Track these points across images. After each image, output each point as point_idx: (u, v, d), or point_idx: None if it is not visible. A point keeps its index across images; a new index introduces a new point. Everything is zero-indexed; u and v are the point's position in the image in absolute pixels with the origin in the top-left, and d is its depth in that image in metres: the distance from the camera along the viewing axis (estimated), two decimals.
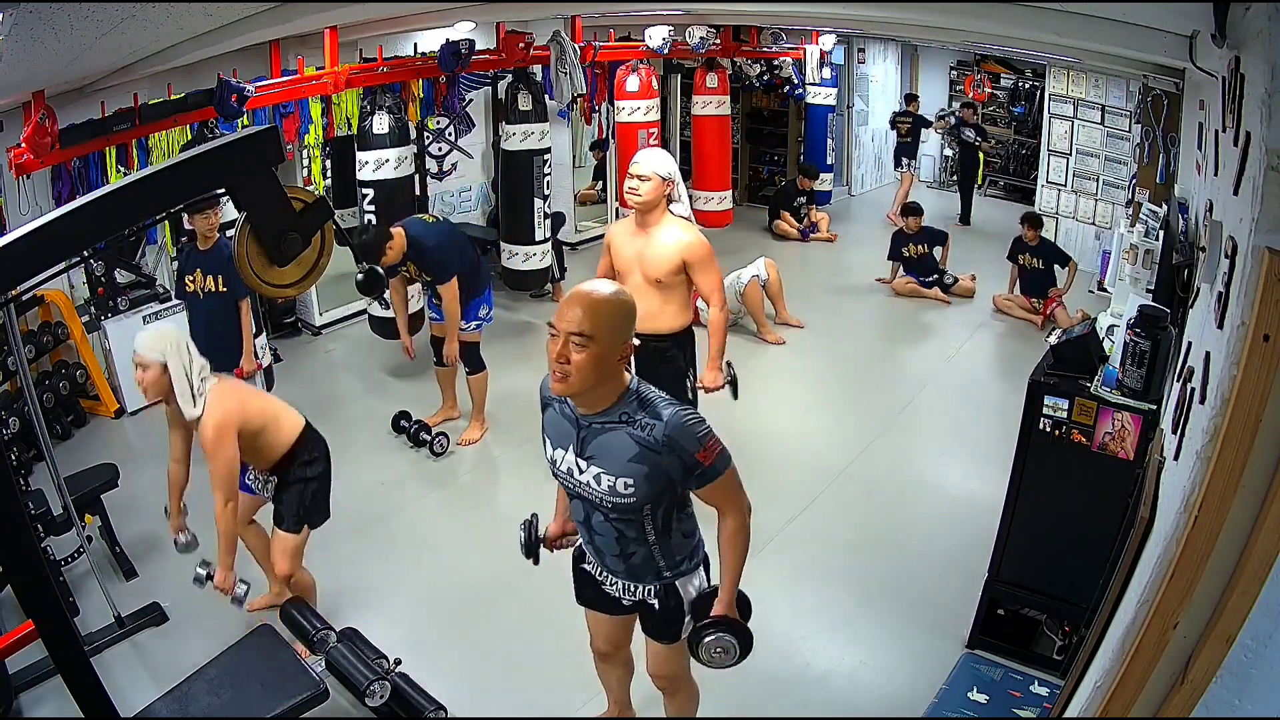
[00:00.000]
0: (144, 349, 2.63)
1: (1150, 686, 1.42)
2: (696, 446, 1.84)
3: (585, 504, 2.01)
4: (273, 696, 2.37)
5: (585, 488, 1.95)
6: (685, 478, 1.88)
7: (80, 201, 1.66)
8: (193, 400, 2.65)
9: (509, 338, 5.73)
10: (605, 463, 1.89)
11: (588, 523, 2.06)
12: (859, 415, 4.96)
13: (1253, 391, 1.22)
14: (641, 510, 1.94)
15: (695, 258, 3.18)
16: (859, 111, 10.06)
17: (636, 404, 1.87)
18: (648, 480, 1.87)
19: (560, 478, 2.02)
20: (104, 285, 4.81)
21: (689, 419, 1.86)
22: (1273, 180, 1.20)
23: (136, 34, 2.82)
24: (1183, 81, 4.16)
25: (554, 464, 2.01)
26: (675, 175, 3.19)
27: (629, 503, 1.91)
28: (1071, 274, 6.18)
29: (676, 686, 2.37)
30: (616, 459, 1.87)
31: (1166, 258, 2.88)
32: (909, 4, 4.12)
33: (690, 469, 1.85)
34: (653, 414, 1.85)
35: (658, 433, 1.83)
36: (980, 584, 3.05)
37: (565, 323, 1.79)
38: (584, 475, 1.94)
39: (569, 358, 1.78)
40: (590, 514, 2.03)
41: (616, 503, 1.92)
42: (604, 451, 1.89)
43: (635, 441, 1.85)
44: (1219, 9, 1.53)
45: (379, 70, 5.05)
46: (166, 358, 2.61)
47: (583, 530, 2.12)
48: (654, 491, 1.90)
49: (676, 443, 1.83)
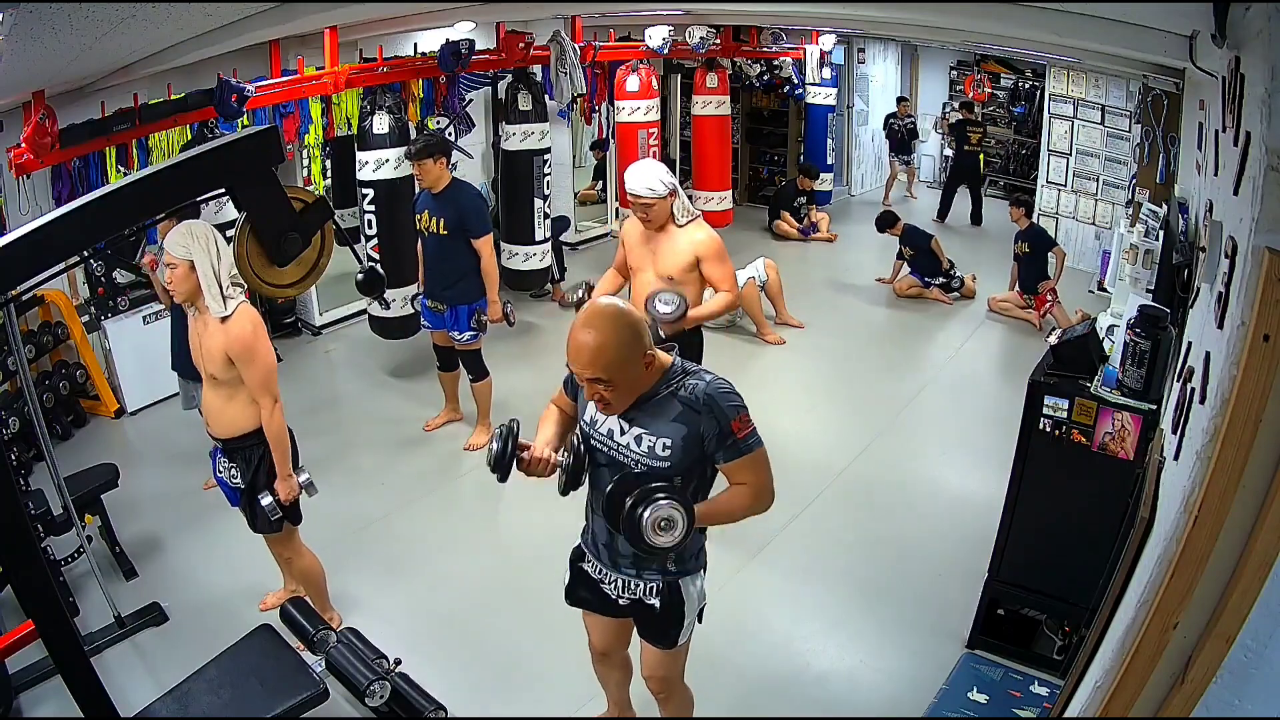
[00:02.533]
0: (171, 246, 2.54)
1: (1150, 686, 1.42)
2: (733, 414, 1.90)
3: (616, 471, 1.98)
4: (273, 696, 2.36)
5: (623, 450, 1.97)
6: (718, 446, 1.91)
7: (80, 201, 1.65)
8: (221, 300, 2.56)
9: (509, 338, 5.72)
10: (648, 423, 1.94)
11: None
12: (859, 415, 4.96)
13: (1253, 391, 1.22)
14: (673, 481, 1.94)
15: (708, 253, 3.21)
16: (859, 111, 10.07)
17: (681, 374, 1.95)
18: (685, 443, 1.91)
19: (598, 440, 2.02)
20: (104, 285, 4.82)
21: (728, 388, 1.93)
22: (1273, 180, 1.20)
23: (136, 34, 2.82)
24: (1183, 81, 4.16)
25: (592, 424, 2.02)
26: (674, 183, 3.18)
27: (664, 468, 1.93)
28: (1059, 262, 6.16)
29: (671, 691, 2.36)
30: (660, 419, 1.92)
31: (1166, 258, 2.89)
32: (909, 4, 4.11)
33: (724, 437, 1.90)
34: (697, 378, 1.94)
35: (699, 391, 1.90)
36: (980, 584, 3.05)
37: (579, 369, 1.85)
38: (624, 437, 1.97)
39: (600, 395, 1.87)
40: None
41: (652, 466, 1.94)
42: (648, 413, 1.93)
43: (679, 401, 1.91)
44: (1219, 9, 1.53)
45: (379, 70, 5.04)
46: (193, 255, 2.53)
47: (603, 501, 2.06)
48: (688, 459, 1.93)
49: (715, 404, 1.89)
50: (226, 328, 2.58)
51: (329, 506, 3.67)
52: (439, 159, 3.98)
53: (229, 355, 2.61)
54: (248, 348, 2.60)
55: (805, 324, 6.10)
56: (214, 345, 2.63)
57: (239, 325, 2.58)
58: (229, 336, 2.59)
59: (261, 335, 2.64)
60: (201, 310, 2.63)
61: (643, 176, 3.15)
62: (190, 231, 2.56)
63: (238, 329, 2.58)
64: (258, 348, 2.62)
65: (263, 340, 2.64)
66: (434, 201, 4.02)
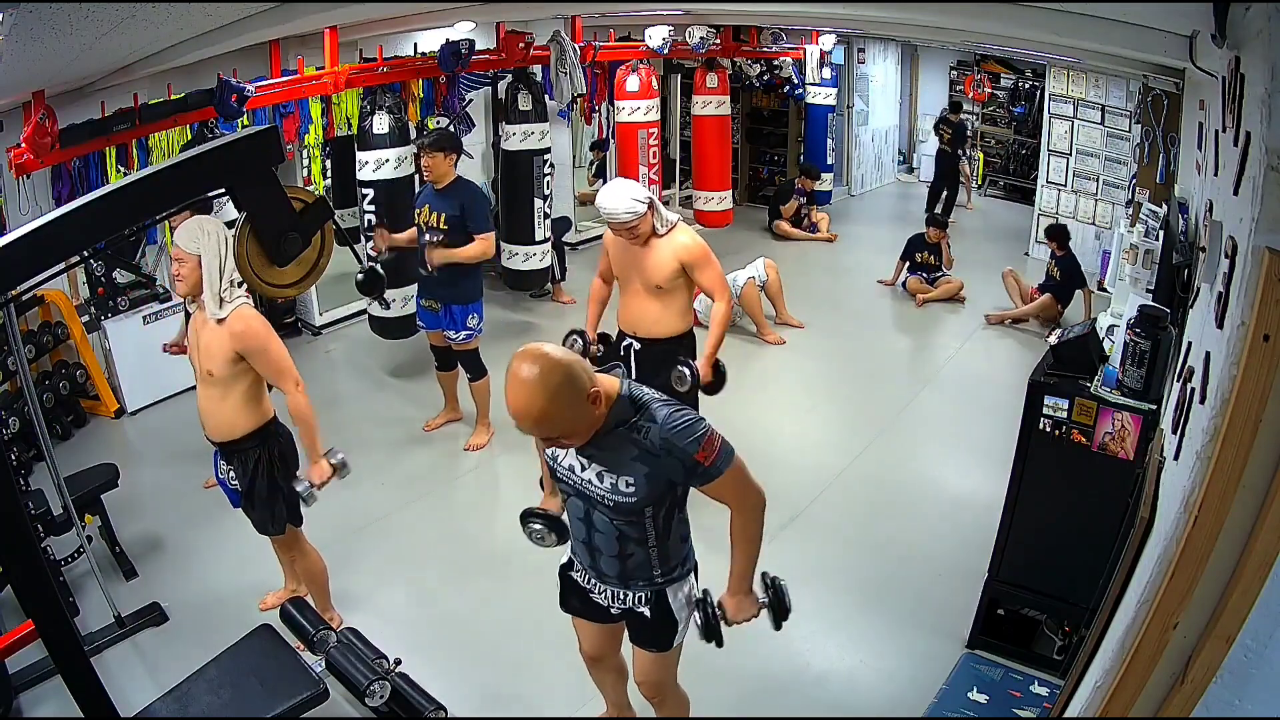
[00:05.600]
0: (181, 241, 2.56)
1: (1150, 686, 1.42)
2: (694, 448, 1.81)
3: (586, 501, 2.00)
4: (273, 696, 2.36)
5: (587, 485, 1.95)
6: (688, 478, 1.87)
7: (80, 201, 1.65)
8: (217, 300, 2.57)
9: (509, 339, 5.73)
10: (607, 461, 1.89)
11: (587, 520, 2.03)
12: (859, 415, 4.95)
13: (1253, 391, 1.22)
14: (643, 512, 1.93)
15: (693, 259, 3.18)
16: (859, 111, 10.07)
17: (630, 407, 1.86)
18: (649, 480, 1.86)
19: (561, 474, 2.00)
20: (104, 285, 4.82)
21: (683, 421, 1.82)
22: (1273, 180, 1.20)
23: (136, 34, 2.82)
24: (1183, 81, 4.16)
25: (554, 460, 2.00)
26: (648, 195, 3.12)
27: (630, 503, 1.90)
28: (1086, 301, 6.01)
29: (665, 695, 2.34)
30: (619, 457, 1.87)
31: (1166, 258, 2.89)
32: (909, 4, 4.11)
33: (691, 470, 1.84)
34: (648, 417, 1.83)
35: (654, 436, 1.81)
36: (980, 584, 3.05)
37: (527, 431, 1.81)
38: (586, 473, 1.93)
39: (555, 440, 1.84)
40: (590, 511, 2.01)
41: (618, 502, 1.91)
42: (606, 450, 1.88)
43: (635, 446, 1.84)
44: (1219, 9, 1.53)
45: (379, 70, 5.04)
46: (202, 251, 2.54)
47: (580, 528, 2.08)
48: (655, 493, 1.89)
49: (673, 445, 1.81)
50: (229, 325, 2.58)
51: (329, 506, 3.65)
52: (450, 155, 3.99)
53: (237, 350, 2.61)
54: (257, 336, 2.61)
55: (805, 324, 6.10)
56: (214, 342, 2.62)
57: (244, 320, 2.59)
58: (235, 332, 2.59)
59: (268, 324, 2.67)
60: (201, 306, 2.64)
61: (618, 199, 3.04)
62: (201, 227, 2.57)
63: (243, 324, 2.59)
64: (267, 335, 2.64)
65: (270, 329, 2.67)
66: (436, 197, 4.01)
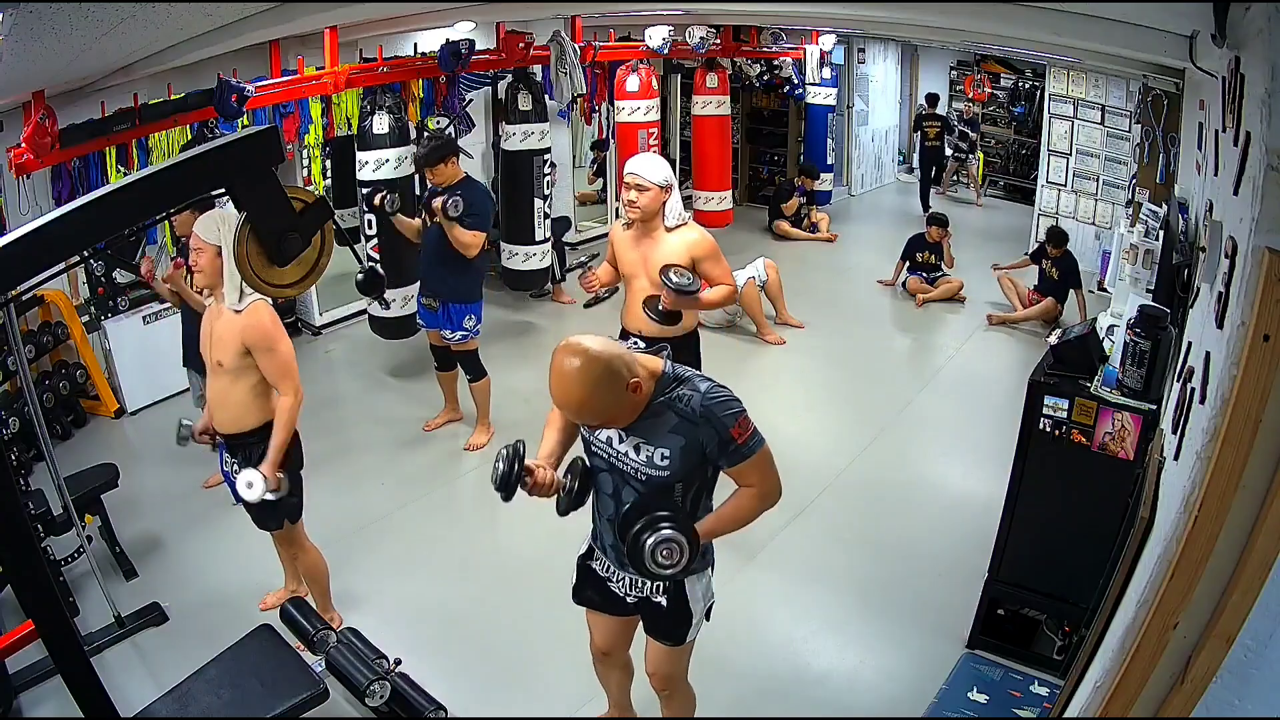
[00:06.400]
0: (202, 231, 2.58)
1: (1150, 686, 1.42)
2: (731, 421, 1.89)
3: (617, 477, 2.02)
4: (273, 696, 2.37)
5: (622, 458, 1.98)
6: (719, 453, 1.91)
7: (80, 201, 1.65)
8: (238, 292, 2.59)
9: (509, 338, 5.74)
10: (645, 433, 1.94)
11: (616, 496, 2.05)
12: (859, 415, 4.96)
13: (1253, 391, 1.22)
14: (674, 487, 1.96)
15: (703, 253, 3.18)
16: (859, 111, 10.07)
17: (675, 382, 1.94)
18: (683, 453, 1.91)
19: (597, 447, 2.04)
20: (104, 285, 4.82)
21: (723, 395, 1.92)
22: (1273, 180, 1.20)
23: (136, 34, 2.82)
24: (1183, 81, 4.16)
25: (592, 432, 2.03)
26: (672, 181, 3.15)
27: (663, 476, 1.94)
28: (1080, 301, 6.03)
29: (674, 689, 2.36)
30: (657, 430, 1.92)
31: (1166, 258, 2.89)
32: (909, 4, 4.11)
33: (724, 444, 1.89)
34: (690, 387, 1.92)
35: (695, 404, 1.89)
36: (980, 584, 3.05)
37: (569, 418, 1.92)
38: (623, 445, 1.97)
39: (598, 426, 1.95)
40: (621, 488, 2.03)
41: (651, 475, 1.95)
42: (645, 423, 1.93)
43: (675, 413, 1.91)
44: (1219, 9, 1.53)
45: (379, 70, 5.04)
46: (222, 242, 2.56)
47: (609, 504, 2.07)
48: (687, 467, 1.94)
49: (713, 414, 1.88)
50: (243, 316, 2.61)
51: (329, 506, 3.68)
52: (449, 159, 3.99)
53: (245, 343, 2.63)
54: (267, 335, 2.63)
55: (805, 324, 6.10)
56: (227, 332, 2.65)
57: (256, 315, 2.62)
58: (246, 324, 2.61)
59: (280, 325, 2.69)
60: (219, 298, 2.67)
61: (645, 161, 3.14)
62: (223, 218, 2.59)
63: (255, 318, 2.62)
64: (278, 336, 2.65)
65: (281, 330, 2.69)
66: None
